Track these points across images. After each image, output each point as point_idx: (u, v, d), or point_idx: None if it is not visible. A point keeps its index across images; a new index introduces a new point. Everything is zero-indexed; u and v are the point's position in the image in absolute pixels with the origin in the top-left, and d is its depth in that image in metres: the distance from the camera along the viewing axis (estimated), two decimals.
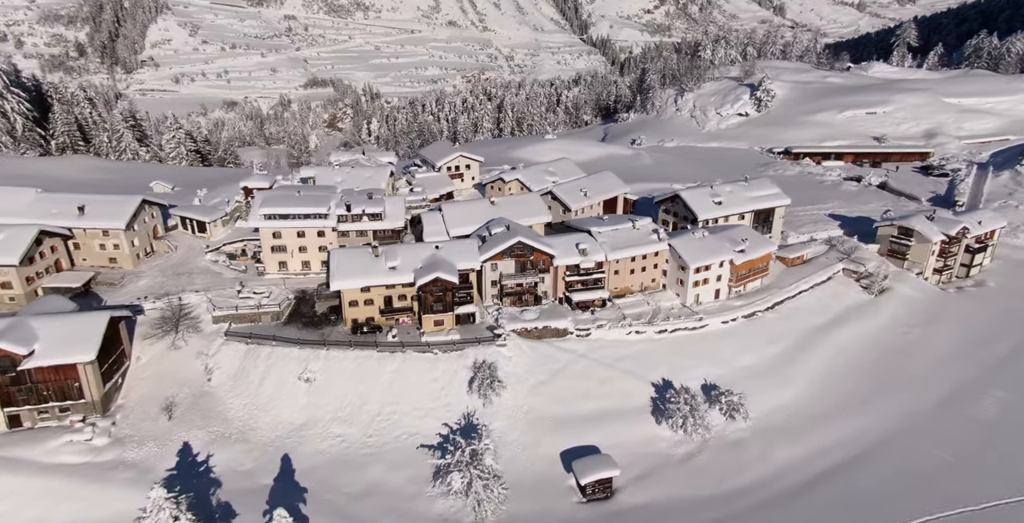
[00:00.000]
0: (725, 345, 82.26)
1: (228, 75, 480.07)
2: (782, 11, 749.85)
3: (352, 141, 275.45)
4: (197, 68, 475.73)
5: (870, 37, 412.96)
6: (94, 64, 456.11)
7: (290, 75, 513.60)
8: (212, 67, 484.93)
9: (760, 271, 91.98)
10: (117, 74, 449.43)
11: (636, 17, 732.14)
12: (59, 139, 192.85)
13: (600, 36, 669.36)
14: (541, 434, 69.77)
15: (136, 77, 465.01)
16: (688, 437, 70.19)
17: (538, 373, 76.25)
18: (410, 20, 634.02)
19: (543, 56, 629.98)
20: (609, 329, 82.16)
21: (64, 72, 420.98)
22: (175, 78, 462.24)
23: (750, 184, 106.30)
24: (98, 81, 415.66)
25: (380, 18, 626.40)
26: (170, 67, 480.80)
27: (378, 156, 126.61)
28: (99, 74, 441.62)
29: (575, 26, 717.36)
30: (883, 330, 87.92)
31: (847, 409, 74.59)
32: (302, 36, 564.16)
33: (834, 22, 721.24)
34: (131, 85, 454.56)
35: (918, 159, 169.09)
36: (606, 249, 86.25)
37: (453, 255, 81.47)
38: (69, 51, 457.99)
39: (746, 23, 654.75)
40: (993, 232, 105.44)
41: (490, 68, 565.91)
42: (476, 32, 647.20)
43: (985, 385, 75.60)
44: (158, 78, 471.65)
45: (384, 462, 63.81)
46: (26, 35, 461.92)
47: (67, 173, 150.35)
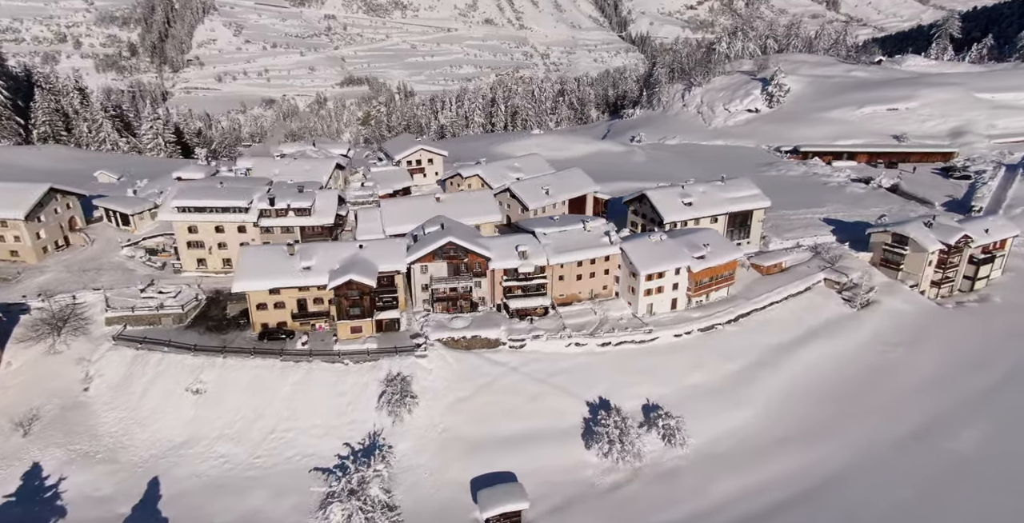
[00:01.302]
0: (675, 361, 77.64)
1: (268, 73, 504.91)
2: (835, 5, 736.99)
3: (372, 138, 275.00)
4: (239, 67, 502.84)
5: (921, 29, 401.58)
6: (144, 63, 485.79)
7: (327, 73, 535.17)
8: (253, 66, 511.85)
9: (724, 280, 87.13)
10: (165, 73, 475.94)
11: (678, 13, 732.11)
12: (40, 129, 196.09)
13: (640, 33, 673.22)
14: (453, 458, 65.85)
15: (182, 76, 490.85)
16: (618, 464, 65.78)
17: (460, 388, 72.48)
18: (447, 18, 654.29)
19: (579, 54, 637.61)
20: (546, 340, 78.13)
21: (116, 71, 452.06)
22: (218, 77, 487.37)
23: (727, 184, 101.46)
24: (147, 80, 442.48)
25: (417, 17, 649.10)
26: (214, 66, 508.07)
27: (329, 148, 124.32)
28: (148, 73, 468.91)
29: (614, 23, 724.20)
30: (861, 348, 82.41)
31: (803, 437, 69.42)
32: (341, 35, 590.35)
33: (894, 16, 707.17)
34: (177, 83, 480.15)
35: (940, 160, 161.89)
36: (549, 252, 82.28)
37: (378, 255, 78.23)
38: (122, 51, 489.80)
39: (795, 18, 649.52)
40: (1004, 242, 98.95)
41: (525, 66, 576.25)
42: (512, 30, 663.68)
43: (967, 415, 69.84)
44: (202, 77, 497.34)
45: (268, 487, 60.37)
46: (84, 36, 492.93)
47: (39, 162, 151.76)
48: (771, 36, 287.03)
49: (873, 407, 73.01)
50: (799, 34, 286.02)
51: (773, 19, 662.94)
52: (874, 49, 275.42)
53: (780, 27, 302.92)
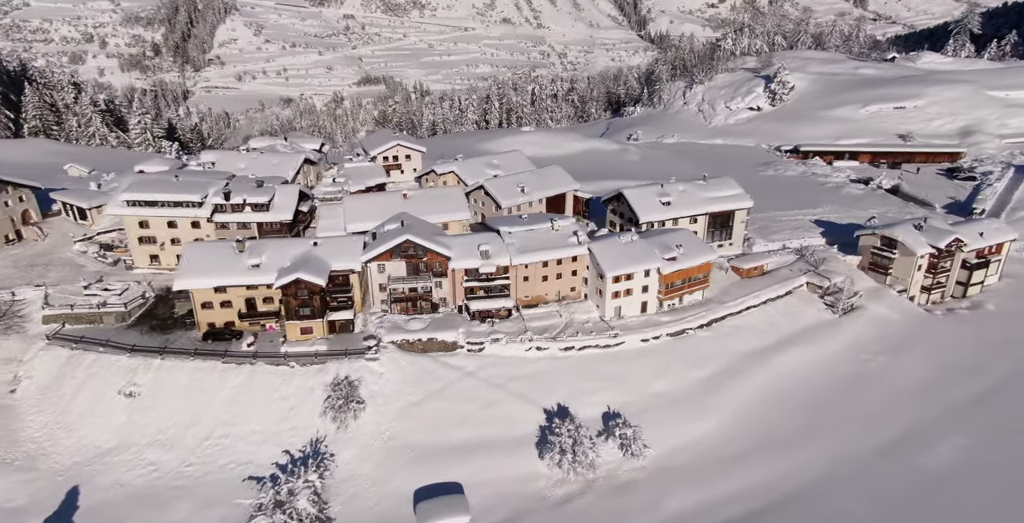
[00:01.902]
0: (640, 367, 75.67)
1: (287, 73, 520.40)
2: (863, 3, 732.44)
3: None
4: (259, 66, 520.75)
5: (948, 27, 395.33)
6: (167, 63, 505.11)
7: (344, 73, 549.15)
8: (272, 65, 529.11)
9: (698, 282, 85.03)
10: (187, 72, 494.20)
11: (699, 12, 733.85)
12: (31, 123, 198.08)
13: (659, 32, 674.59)
14: (398, 467, 64.16)
15: (203, 75, 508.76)
16: (572, 475, 63.86)
17: (412, 393, 70.89)
18: (464, 18, 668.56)
19: (597, 53, 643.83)
20: (506, 344, 76.41)
21: (140, 71, 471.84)
22: (238, 76, 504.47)
23: (709, 184, 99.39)
24: (169, 79, 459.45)
25: (435, 16, 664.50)
26: (234, 65, 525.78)
27: (302, 143, 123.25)
28: (171, 72, 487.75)
29: (633, 22, 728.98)
30: (839, 356, 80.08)
31: (769, 449, 67.24)
32: (359, 35, 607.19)
33: (925, 13, 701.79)
34: (198, 83, 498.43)
35: (947, 160, 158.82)
36: (512, 252, 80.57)
37: (332, 253, 76.88)
38: (145, 51, 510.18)
39: (821, 16, 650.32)
40: (1000, 246, 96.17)
41: (542, 65, 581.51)
42: (530, 29, 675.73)
43: (946, 428, 67.36)
44: (223, 76, 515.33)
45: (196, 498, 58.76)
46: (109, 36, 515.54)
47: (17, 155, 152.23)
48: (779, 33, 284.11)
49: (847, 419, 70.69)
50: (808, 31, 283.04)
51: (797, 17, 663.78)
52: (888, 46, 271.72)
53: (789, 23, 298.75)
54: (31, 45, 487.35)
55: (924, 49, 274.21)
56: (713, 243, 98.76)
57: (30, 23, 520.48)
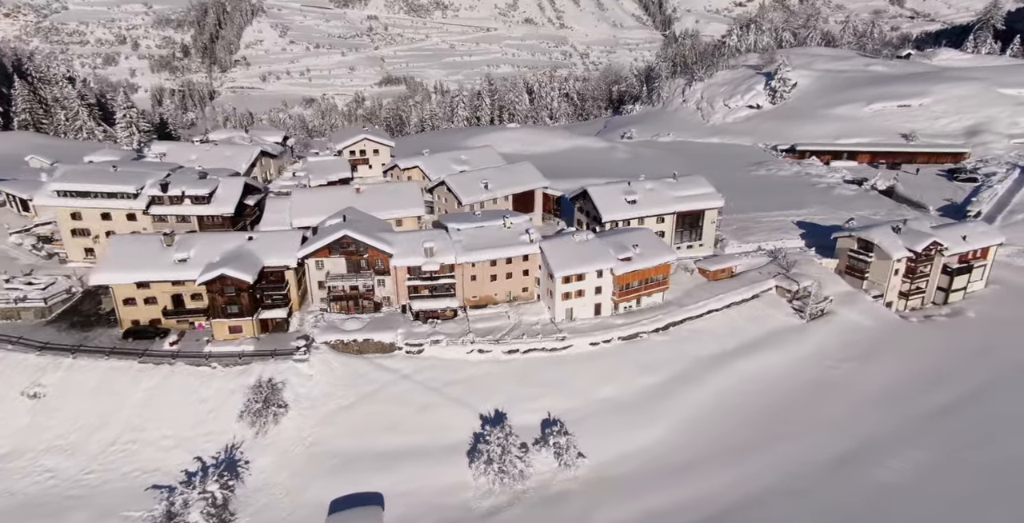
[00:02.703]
0: (586, 372, 74.07)
1: (310, 73, 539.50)
2: (900, 1, 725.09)
3: None
4: (283, 67, 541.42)
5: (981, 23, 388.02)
6: (195, 64, 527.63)
7: (367, 73, 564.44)
8: (296, 66, 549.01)
9: (656, 284, 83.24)
10: (214, 73, 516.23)
11: (726, 11, 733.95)
12: (20, 116, 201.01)
13: (684, 31, 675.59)
14: (317, 475, 62.75)
15: (229, 75, 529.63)
16: (497, 486, 62.21)
17: (342, 396, 69.70)
18: (486, 18, 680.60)
19: (620, 53, 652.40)
20: (446, 345, 75.09)
21: (169, 72, 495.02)
22: (263, 76, 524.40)
23: (679, 182, 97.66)
24: (197, 80, 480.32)
25: (458, 17, 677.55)
26: (259, 66, 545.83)
27: (264, 135, 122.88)
28: (199, 73, 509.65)
29: (658, 22, 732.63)
30: (803, 363, 77.96)
31: (718, 459, 65.24)
32: (381, 35, 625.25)
33: (966, 10, 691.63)
34: (224, 83, 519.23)
35: (951, 160, 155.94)
36: (458, 250, 79.28)
37: (266, 248, 76.15)
38: (175, 52, 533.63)
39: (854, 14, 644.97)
40: (985, 250, 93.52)
41: (563, 65, 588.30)
42: (552, 29, 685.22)
43: (905, 440, 65.09)
44: (248, 76, 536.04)
45: (91, 508, 57.26)
46: (141, 38, 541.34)
47: (7, 149, 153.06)
48: (788, 29, 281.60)
49: (804, 428, 68.57)
50: (818, 27, 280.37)
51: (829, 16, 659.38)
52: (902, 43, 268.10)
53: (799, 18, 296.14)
54: (67, 47, 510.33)
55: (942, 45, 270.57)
56: (682, 244, 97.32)
57: (67, 26, 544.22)
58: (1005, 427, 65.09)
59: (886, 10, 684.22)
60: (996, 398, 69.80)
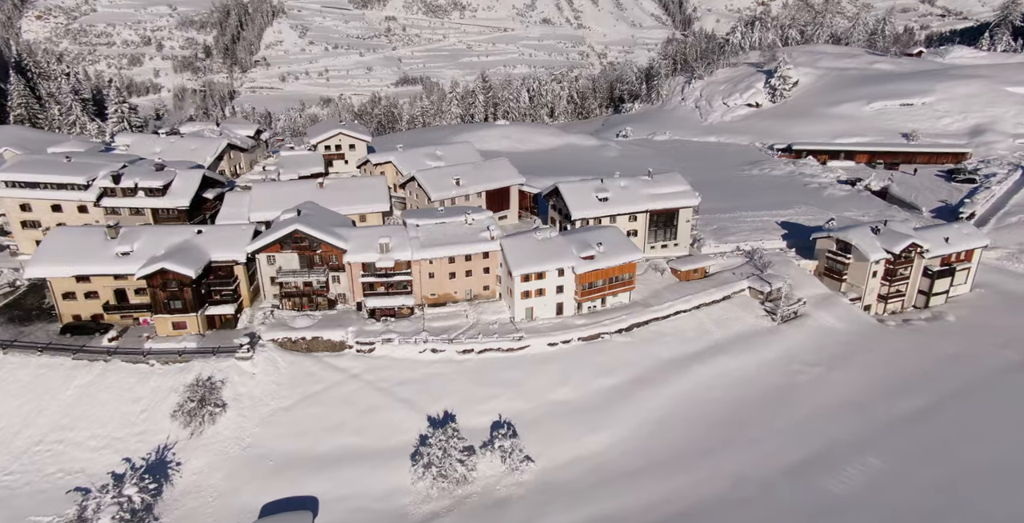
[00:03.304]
0: (543, 373, 73.08)
1: (328, 73, 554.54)
2: None
3: None
4: (302, 67, 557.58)
5: None
6: (217, 64, 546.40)
7: (383, 73, 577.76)
8: (315, 66, 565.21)
9: (621, 284, 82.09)
10: (235, 73, 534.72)
11: (748, 10, 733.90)
12: (16, 111, 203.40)
13: (705, 31, 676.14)
14: (252, 478, 61.96)
15: (249, 76, 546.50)
16: (435, 491, 61.18)
17: (285, 396, 69.07)
18: (504, 19, 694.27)
19: (638, 53, 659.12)
20: (398, 344, 74.30)
21: (192, 72, 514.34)
22: (282, 76, 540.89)
23: (654, 180, 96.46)
24: (218, 80, 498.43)
25: (475, 17, 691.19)
26: (279, 66, 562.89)
27: (236, 129, 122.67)
28: (220, 73, 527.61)
29: (677, 21, 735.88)
30: (769, 367, 76.59)
31: (670, 465, 64.04)
32: (399, 36, 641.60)
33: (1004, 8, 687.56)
34: (244, 83, 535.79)
35: (952, 161, 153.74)
36: (415, 246, 78.49)
37: (215, 242, 75.74)
38: (197, 53, 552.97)
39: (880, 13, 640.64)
40: (969, 253, 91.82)
41: (580, 66, 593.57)
42: (570, 29, 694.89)
43: (863, 448, 63.59)
44: (267, 76, 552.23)
45: (8, 509, 56.19)
46: (165, 39, 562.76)
47: None
48: (794, 26, 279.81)
49: (762, 434, 67.24)
50: (825, 24, 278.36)
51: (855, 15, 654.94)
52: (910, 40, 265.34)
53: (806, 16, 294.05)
54: (95, 48, 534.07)
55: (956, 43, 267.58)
56: (656, 243, 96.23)
57: (95, 27, 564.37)
58: (964, 436, 63.58)
59: (915, 8, 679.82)
60: (961, 406, 68.33)
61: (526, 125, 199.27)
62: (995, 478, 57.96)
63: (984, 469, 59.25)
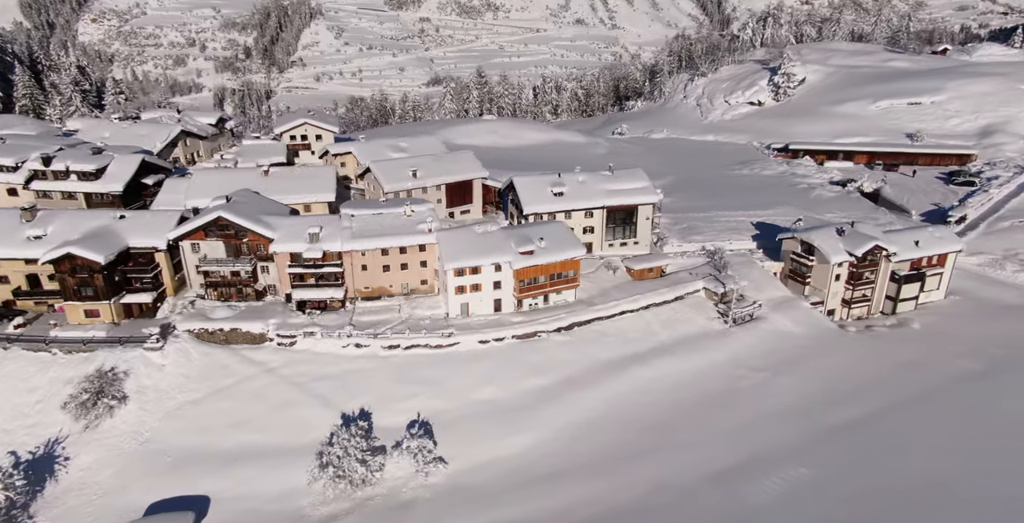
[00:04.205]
0: (470, 371, 71.70)
1: (361, 73, 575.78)
2: None
3: None
4: (337, 67, 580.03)
5: None
6: (256, 65, 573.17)
7: (415, 74, 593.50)
8: (349, 66, 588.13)
9: (565, 281, 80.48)
10: (272, 73, 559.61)
11: (791, 9, 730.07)
12: (21, 102, 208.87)
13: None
14: (144, 475, 61.08)
15: (286, 76, 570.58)
16: (336, 492, 59.84)
17: (195, 389, 68.40)
18: (537, 19, 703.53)
19: None
20: (320, 338, 73.34)
21: (232, 72, 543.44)
22: (317, 76, 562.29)
23: (615, 175, 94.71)
24: (257, 80, 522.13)
25: (508, 18, 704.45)
26: (314, 66, 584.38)
27: (198, 116, 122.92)
28: (259, 73, 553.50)
29: (715, 21, 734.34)
30: (713, 371, 74.52)
31: (590, 470, 62.22)
32: (432, 37, 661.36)
33: None
34: (281, 83, 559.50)
35: (956, 162, 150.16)
36: (346, 236, 77.53)
37: (136, 228, 75.55)
38: (238, 54, 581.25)
39: (937, 11, 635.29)
40: (942, 257, 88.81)
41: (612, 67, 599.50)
42: (604, 30, 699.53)
43: (793, 457, 61.35)
44: (303, 76, 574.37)
45: None
46: (208, 40, 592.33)
47: None
48: (810, 22, 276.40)
49: (692, 440, 65.24)
50: (842, 20, 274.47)
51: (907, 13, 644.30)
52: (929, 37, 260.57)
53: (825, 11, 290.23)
54: (143, 49, 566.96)
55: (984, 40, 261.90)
56: (615, 241, 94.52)
57: (145, 29, 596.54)
58: (903, 447, 61.14)
59: (974, 6, 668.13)
60: (907, 416, 65.81)
61: (513, 120, 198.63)
62: (926, 490, 55.53)
63: (918, 480, 56.83)
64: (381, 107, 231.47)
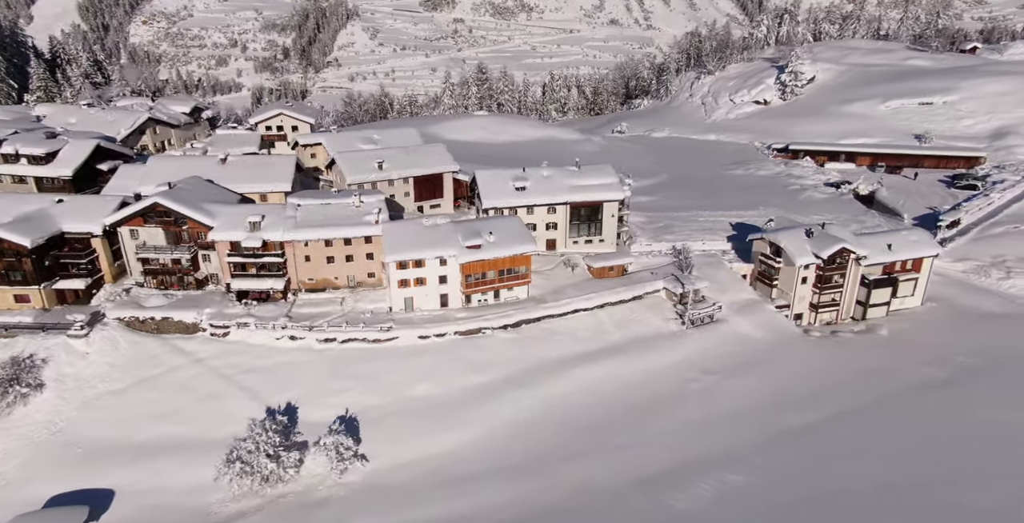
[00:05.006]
0: (407, 367, 71.18)
1: (394, 74, 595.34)
2: None
3: None
4: (370, 68, 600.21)
5: None
6: (293, 65, 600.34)
7: (446, 74, 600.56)
8: (383, 67, 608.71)
9: (516, 277, 79.40)
10: (309, 73, 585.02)
11: (836, 8, 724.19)
12: (36, 94, 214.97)
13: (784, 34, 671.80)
14: (51, 466, 60.96)
15: (321, 76, 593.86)
16: (241, 487, 58.99)
17: (119, 378, 68.55)
18: (571, 20, 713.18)
19: None
20: (254, 329, 73.03)
21: (270, 72, 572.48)
22: (351, 77, 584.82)
23: (581, 171, 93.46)
24: (294, 80, 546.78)
25: (542, 19, 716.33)
26: (349, 67, 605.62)
27: (171, 105, 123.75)
28: (296, 73, 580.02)
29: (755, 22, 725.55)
30: (663, 373, 73.04)
31: (514, 471, 61.17)
32: (465, 37, 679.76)
33: None
34: (316, 83, 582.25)
35: (963, 165, 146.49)
36: (288, 226, 77.13)
37: (73, 212, 75.93)
38: (276, 54, 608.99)
39: (998, 9, 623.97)
40: (917, 262, 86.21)
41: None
42: (639, 31, 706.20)
43: (729, 463, 59.70)
44: (338, 76, 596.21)
45: None
46: (250, 42, 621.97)
47: None
48: (830, 20, 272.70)
49: (629, 444, 63.90)
50: (863, 17, 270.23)
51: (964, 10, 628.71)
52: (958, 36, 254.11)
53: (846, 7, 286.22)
54: (189, 50, 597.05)
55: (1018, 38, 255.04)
56: (579, 238, 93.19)
57: (191, 31, 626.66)
58: (849, 454, 59.38)
59: None
60: (858, 423, 63.97)
61: (504, 116, 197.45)
62: (874, 496, 53.71)
63: (866, 486, 55.06)
64: (380, 102, 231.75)
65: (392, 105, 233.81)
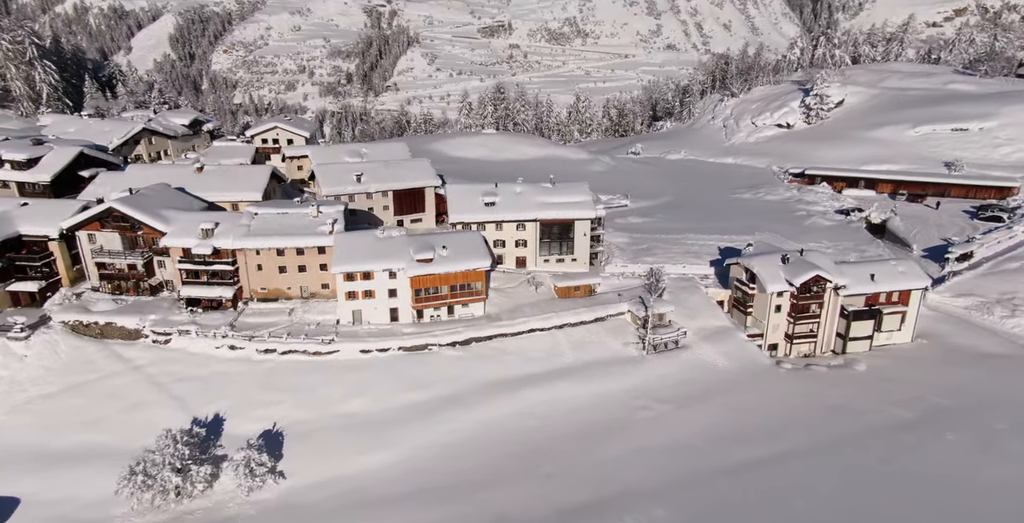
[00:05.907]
0: (343, 381, 70.60)
1: (449, 97, 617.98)
2: None
3: None
4: (427, 91, 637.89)
5: None
6: (355, 89, 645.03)
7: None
8: (438, 91, 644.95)
9: (469, 293, 78.40)
10: (369, 97, 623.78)
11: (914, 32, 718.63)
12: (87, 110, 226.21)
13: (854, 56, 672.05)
14: None
15: (380, 99, 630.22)
16: (140, 503, 58.20)
17: (52, 383, 69.35)
18: (627, 45, 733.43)
19: None
20: (195, 337, 73.29)
21: (333, 96, 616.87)
22: (408, 100, 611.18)
23: (555, 188, 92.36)
24: (355, 103, 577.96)
25: (597, 44, 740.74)
26: (407, 91, 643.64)
27: (172, 117, 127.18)
28: (357, 97, 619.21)
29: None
30: (612, 400, 70.80)
31: (439, 494, 59.52)
32: (520, 62, 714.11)
33: None
34: (375, 106, 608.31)
35: (994, 195, 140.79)
36: (239, 234, 77.59)
37: (31, 215, 77.65)
38: (340, 80, 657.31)
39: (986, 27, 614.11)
40: (904, 295, 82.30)
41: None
42: (695, 55, 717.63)
43: (659, 497, 57.19)
44: (395, 100, 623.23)
45: None
46: (317, 68, 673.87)
47: None
48: (869, 43, 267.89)
49: (559, 471, 61.81)
50: (906, 40, 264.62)
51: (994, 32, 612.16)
52: None
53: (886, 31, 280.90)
54: (262, 76, 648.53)
55: None
56: (551, 256, 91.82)
57: (265, 58, 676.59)
58: (790, 492, 56.44)
59: None
60: (807, 461, 60.97)
61: (510, 135, 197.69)
62: None
63: None
64: (397, 120, 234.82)
65: (409, 123, 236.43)
